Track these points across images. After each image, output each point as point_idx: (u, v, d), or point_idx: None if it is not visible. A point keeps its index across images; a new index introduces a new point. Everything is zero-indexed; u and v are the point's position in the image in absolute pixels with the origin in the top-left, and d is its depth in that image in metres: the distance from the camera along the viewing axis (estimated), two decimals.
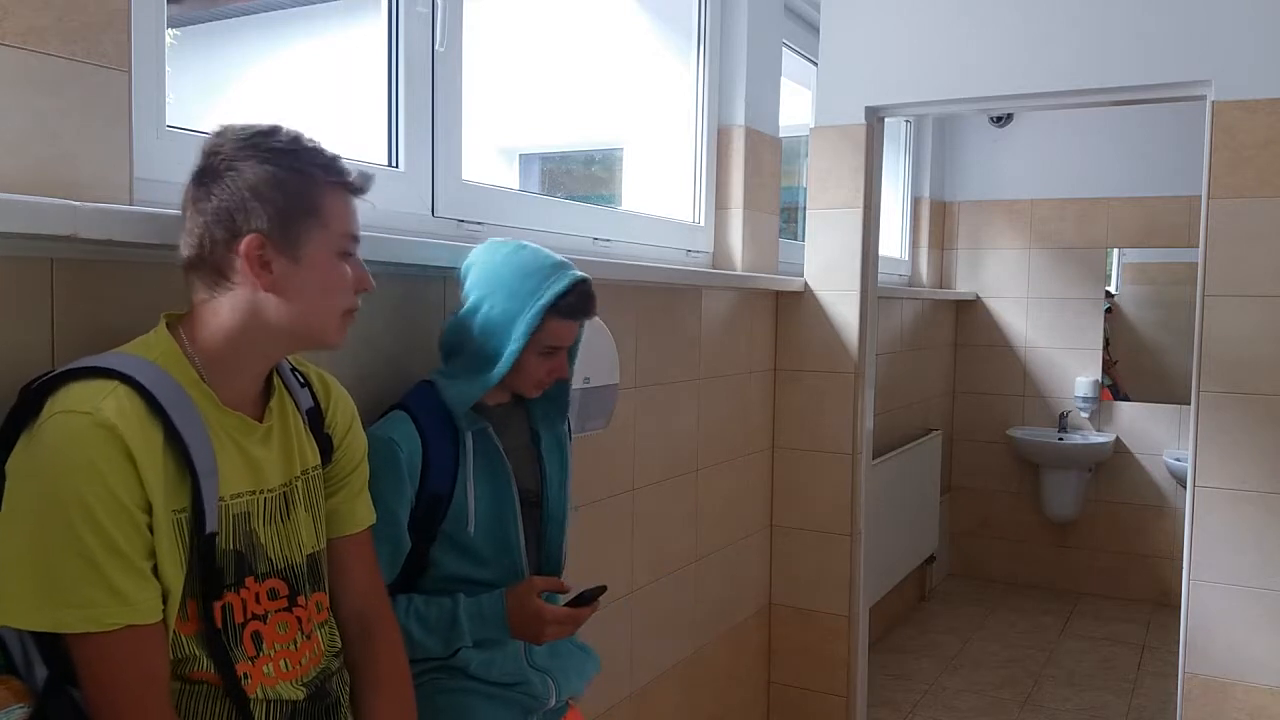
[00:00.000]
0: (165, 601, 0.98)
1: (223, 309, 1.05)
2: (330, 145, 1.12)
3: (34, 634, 0.95)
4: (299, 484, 1.15)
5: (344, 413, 1.25)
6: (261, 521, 1.09)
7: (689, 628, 2.52)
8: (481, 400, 1.44)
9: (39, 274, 1.08)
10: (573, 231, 2.20)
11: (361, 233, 1.15)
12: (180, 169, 1.10)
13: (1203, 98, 2.36)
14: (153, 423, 0.97)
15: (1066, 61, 2.49)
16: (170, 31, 1.37)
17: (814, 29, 3.06)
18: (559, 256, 1.45)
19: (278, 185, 1.03)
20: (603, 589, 1.45)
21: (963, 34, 2.62)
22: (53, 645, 0.96)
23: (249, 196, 1.02)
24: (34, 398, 0.96)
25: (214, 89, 2.26)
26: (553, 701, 1.49)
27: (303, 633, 1.13)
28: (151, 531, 0.96)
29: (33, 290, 1.08)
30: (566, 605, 1.43)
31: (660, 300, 2.31)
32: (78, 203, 1.04)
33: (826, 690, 2.91)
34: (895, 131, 4.43)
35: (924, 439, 4.17)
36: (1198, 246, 2.37)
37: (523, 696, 1.46)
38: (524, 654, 1.47)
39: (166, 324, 1.07)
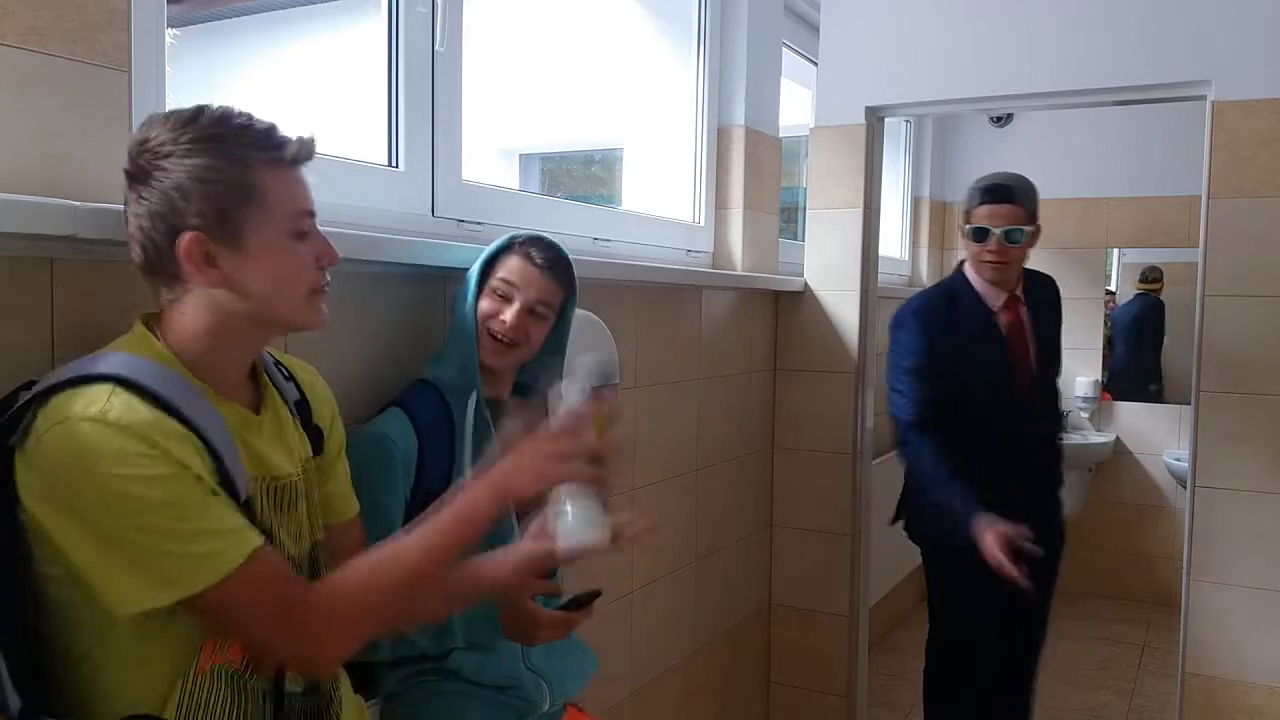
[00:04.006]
0: None
1: (188, 308, 1.02)
2: (297, 126, 1.06)
3: (7, 663, 0.92)
4: (299, 477, 1.15)
5: (326, 402, 1.24)
6: (273, 509, 1.08)
7: (689, 628, 2.52)
8: (481, 397, 1.45)
9: (39, 274, 1.08)
10: (573, 231, 2.20)
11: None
12: None
13: (1203, 98, 2.36)
14: (163, 415, 0.93)
15: (1066, 61, 2.49)
16: (170, 31, 1.37)
17: (814, 29, 3.06)
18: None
19: (207, 176, 0.97)
20: (597, 593, 1.44)
21: (963, 34, 2.61)
22: (28, 673, 0.93)
23: (176, 195, 0.96)
24: (12, 421, 0.92)
25: (214, 89, 2.26)
26: (547, 705, 1.48)
27: None
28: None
29: (33, 290, 1.08)
30: (560, 608, 1.42)
31: (660, 300, 2.31)
32: (78, 203, 1.04)
33: (826, 690, 2.91)
34: (895, 131, 4.42)
35: None
36: (1198, 246, 2.37)
37: (516, 700, 1.45)
38: (521, 655, 1.47)
39: (144, 324, 1.04)
